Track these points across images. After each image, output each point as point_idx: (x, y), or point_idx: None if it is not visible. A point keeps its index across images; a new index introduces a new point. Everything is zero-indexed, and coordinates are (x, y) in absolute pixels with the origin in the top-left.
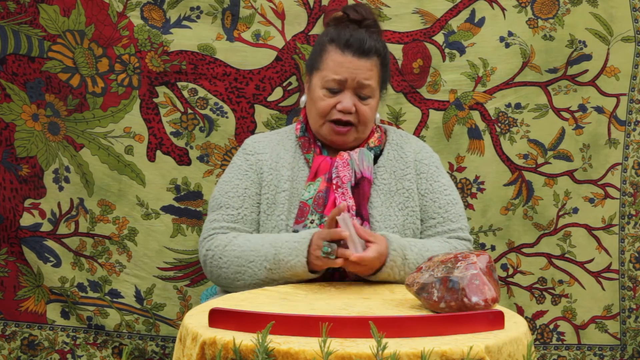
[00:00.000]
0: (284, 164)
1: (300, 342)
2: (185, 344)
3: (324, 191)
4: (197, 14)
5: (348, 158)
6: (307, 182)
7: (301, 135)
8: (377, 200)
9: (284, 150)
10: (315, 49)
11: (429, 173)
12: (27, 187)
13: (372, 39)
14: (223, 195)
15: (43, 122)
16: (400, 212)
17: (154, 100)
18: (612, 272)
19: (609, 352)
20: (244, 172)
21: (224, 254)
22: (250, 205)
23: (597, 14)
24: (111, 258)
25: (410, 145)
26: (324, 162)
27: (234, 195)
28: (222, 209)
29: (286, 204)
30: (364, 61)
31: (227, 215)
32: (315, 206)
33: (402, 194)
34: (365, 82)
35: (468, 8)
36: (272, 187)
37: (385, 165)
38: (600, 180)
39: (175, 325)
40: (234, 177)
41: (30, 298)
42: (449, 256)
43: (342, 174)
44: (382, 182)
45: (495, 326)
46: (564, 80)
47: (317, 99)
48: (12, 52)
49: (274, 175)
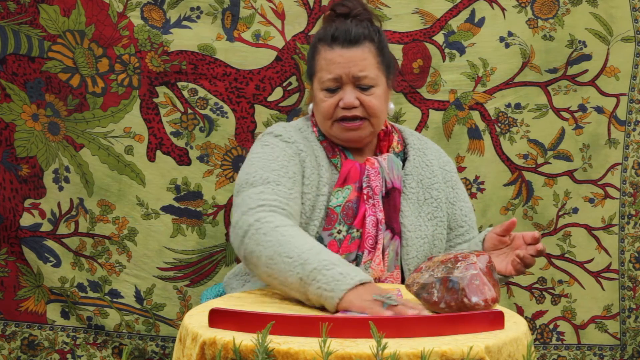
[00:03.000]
0: (321, 163)
1: (300, 342)
2: (185, 344)
3: (354, 201)
4: (197, 14)
5: (378, 166)
6: (335, 187)
7: (322, 139)
8: (407, 210)
9: (319, 149)
10: (309, 54)
11: (452, 180)
12: (27, 187)
13: (359, 27)
14: (269, 172)
15: (43, 122)
16: (429, 222)
17: (154, 100)
18: (612, 272)
19: (608, 352)
20: (290, 156)
21: (271, 233)
22: (298, 193)
23: (597, 14)
24: (111, 258)
25: (431, 151)
26: (353, 168)
27: (283, 175)
28: (270, 184)
29: (323, 209)
30: (354, 51)
31: (280, 192)
32: (344, 216)
33: (431, 204)
34: (361, 74)
35: (468, 8)
36: (314, 189)
37: (412, 174)
38: (600, 180)
39: (175, 325)
40: (280, 157)
41: (30, 298)
42: (448, 256)
43: (374, 184)
44: (410, 192)
45: (495, 326)
46: (564, 80)
47: (319, 102)
48: (12, 52)
49: (315, 175)
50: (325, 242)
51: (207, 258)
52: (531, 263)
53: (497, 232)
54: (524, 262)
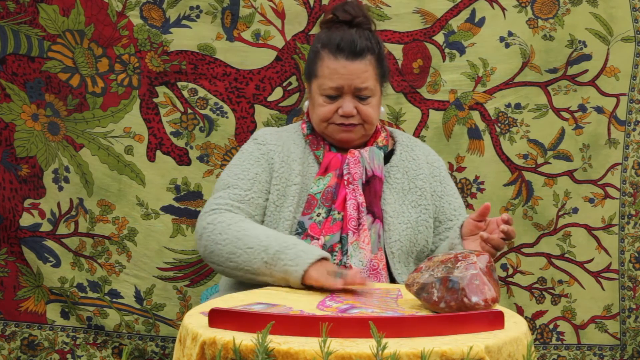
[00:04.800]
0: (295, 158)
1: (300, 342)
2: (185, 344)
3: (334, 186)
4: (196, 14)
5: (359, 156)
6: (316, 177)
7: (309, 134)
8: (390, 198)
9: (294, 145)
10: (310, 56)
11: (440, 176)
12: (26, 187)
13: (363, 39)
14: (232, 177)
15: (43, 122)
16: (413, 209)
17: (154, 100)
18: (612, 272)
19: (608, 352)
20: (256, 158)
21: (226, 231)
22: (259, 190)
23: (597, 14)
24: (111, 258)
25: (419, 148)
26: (334, 158)
27: (243, 177)
28: (229, 188)
29: (296, 197)
30: (357, 63)
31: (234, 195)
32: (323, 200)
33: (415, 192)
34: (362, 85)
35: (468, 8)
36: (283, 180)
37: (398, 165)
38: (600, 180)
39: (175, 325)
40: (245, 162)
41: (30, 298)
42: (448, 256)
43: (354, 170)
44: (395, 181)
45: (495, 326)
46: (563, 80)
47: (318, 106)
48: (12, 52)
49: (285, 168)
50: (306, 226)
51: None
52: (499, 245)
53: (473, 218)
54: (492, 244)
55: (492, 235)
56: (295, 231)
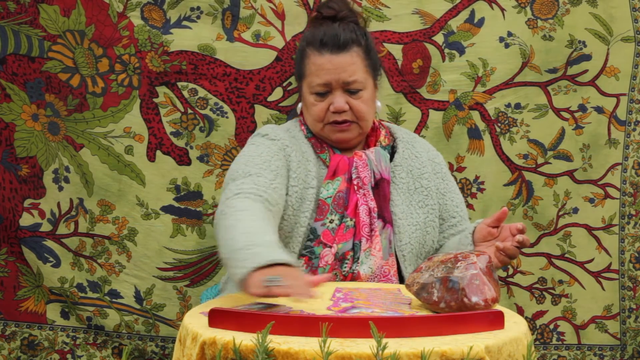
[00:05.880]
0: (309, 159)
1: (300, 342)
2: (185, 344)
3: (344, 192)
4: (197, 14)
5: (366, 158)
6: (325, 180)
7: (310, 136)
8: (397, 199)
9: (305, 144)
10: (297, 56)
11: (442, 172)
12: (26, 187)
13: (347, 31)
14: (252, 166)
15: (43, 122)
16: (420, 209)
17: (154, 100)
18: (612, 272)
19: (609, 352)
20: (274, 152)
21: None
22: (280, 184)
23: (596, 14)
24: (111, 258)
25: (420, 144)
26: (341, 161)
27: (266, 168)
28: (251, 176)
29: (312, 201)
30: (343, 56)
31: (259, 182)
32: (335, 206)
33: (421, 192)
34: (350, 79)
35: (468, 8)
36: (301, 182)
37: (402, 164)
38: (600, 180)
39: (175, 325)
40: (264, 153)
41: (30, 298)
42: (448, 256)
43: (363, 174)
44: (400, 181)
45: (495, 326)
46: (563, 80)
47: (310, 106)
48: (12, 52)
49: (302, 169)
50: (319, 232)
51: (207, 258)
52: (514, 254)
53: (488, 223)
54: (507, 253)
55: (507, 243)
56: (307, 237)
